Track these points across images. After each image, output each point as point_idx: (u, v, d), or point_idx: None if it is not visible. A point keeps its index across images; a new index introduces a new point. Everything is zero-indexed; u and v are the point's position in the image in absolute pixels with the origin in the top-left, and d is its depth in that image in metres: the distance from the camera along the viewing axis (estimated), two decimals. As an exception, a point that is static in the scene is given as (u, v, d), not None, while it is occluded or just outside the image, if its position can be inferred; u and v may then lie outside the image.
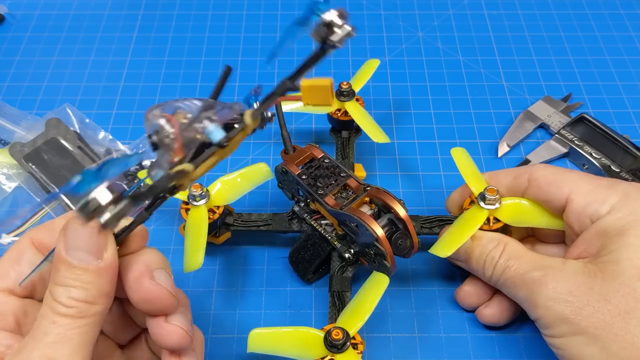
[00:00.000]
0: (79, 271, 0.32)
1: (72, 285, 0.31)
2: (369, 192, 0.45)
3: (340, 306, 0.45)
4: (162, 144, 0.31)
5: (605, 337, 0.36)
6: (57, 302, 0.31)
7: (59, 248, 0.32)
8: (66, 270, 0.32)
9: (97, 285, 0.32)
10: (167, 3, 0.77)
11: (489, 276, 0.43)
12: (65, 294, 0.31)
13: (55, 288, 0.32)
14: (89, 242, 0.32)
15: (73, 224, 0.32)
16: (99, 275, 0.32)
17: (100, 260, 0.32)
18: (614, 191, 0.40)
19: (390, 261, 0.43)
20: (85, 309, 0.31)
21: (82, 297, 0.31)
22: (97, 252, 0.32)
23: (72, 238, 0.32)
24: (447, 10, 0.76)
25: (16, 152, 0.57)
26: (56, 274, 0.32)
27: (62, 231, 0.32)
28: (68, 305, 0.31)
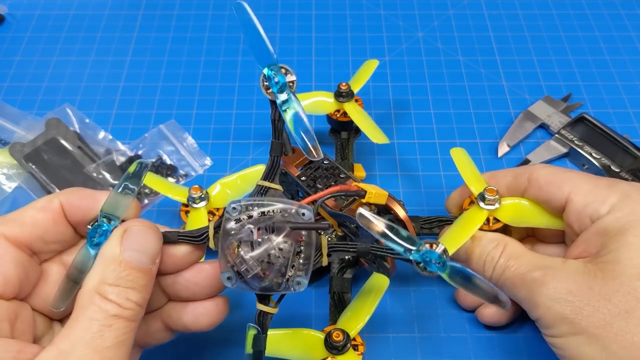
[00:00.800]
0: (138, 273, 0.32)
1: (130, 287, 0.31)
2: (368, 193, 0.45)
3: (340, 307, 0.45)
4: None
5: (605, 336, 0.36)
6: (113, 303, 0.31)
7: (116, 248, 0.32)
8: (123, 271, 0.31)
9: (149, 289, 0.33)
10: (167, 3, 0.77)
11: (489, 276, 0.43)
12: (123, 295, 0.31)
13: (110, 288, 0.31)
14: (153, 246, 0.33)
15: (139, 225, 0.33)
16: (151, 279, 0.33)
17: (154, 266, 0.33)
18: (614, 191, 0.40)
19: (390, 262, 0.43)
20: (139, 312, 0.32)
21: (139, 299, 0.32)
22: (154, 257, 0.34)
23: (135, 240, 0.33)
24: (447, 10, 0.76)
25: (16, 152, 0.57)
26: (109, 274, 0.31)
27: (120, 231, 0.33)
28: (127, 307, 0.31)
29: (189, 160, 0.60)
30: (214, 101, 0.66)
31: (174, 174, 0.59)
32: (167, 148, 0.60)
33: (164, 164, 0.59)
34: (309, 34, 0.73)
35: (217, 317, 0.38)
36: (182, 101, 0.66)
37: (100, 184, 0.57)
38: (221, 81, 0.68)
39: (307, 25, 0.74)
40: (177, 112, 0.65)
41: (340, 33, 0.73)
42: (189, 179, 0.59)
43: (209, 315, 0.38)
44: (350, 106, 0.55)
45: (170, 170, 0.59)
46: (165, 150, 0.60)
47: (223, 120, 0.64)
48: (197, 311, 0.38)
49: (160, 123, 0.62)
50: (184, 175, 0.59)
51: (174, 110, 0.65)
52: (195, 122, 0.63)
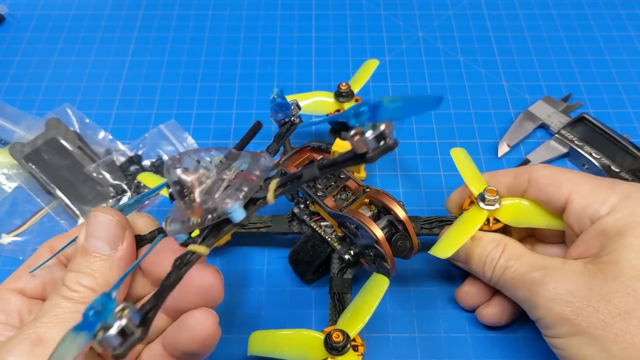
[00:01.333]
0: (92, 259, 0.33)
1: (83, 272, 0.33)
2: (368, 194, 0.45)
3: (340, 308, 0.45)
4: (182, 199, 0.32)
5: (605, 337, 0.36)
6: (65, 286, 0.32)
7: (80, 236, 0.34)
8: (81, 257, 0.33)
9: (106, 275, 0.33)
10: (167, 3, 0.77)
11: (489, 277, 0.43)
12: (74, 279, 0.32)
13: (68, 274, 0.33)
14: (107, 232, 0.34)
15: (95, 212, 0.34)
16: (110, 265, 0.33)
17: (115, 251, 0.34)
18: (614, 191, 0.40)
19: (390, 263, 0.43)
20: (88, 295, 0.32)
21: (89, 284, 0.32)
22: (113, 242, 0.34)
23: (91, 227, 0.34)
24: (447, 10, 0.76)
25: (16, 152, 0.57)
26: (72, 261, 0.33)
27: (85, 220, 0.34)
28: (73, 290, 0.32)
29: (189, 160, 0.60)
30: (214, 101, 0.66)
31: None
32: (167, 148, 0.60)
33: (164, 164, 0.59)
34: (309, 34, 0.73)
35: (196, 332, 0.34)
36: (182, 101, 0.66)
37: (100, 184, 0.57)
38: (221, 81, 0.68)
39: (307, 25, 0.74)
40: (177, 112, 0.65)
41: (340, 33, 0.73)
42: (189, 179, 0.59)
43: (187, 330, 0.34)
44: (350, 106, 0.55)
45: (170, 170, 0.59)
46: (165, 150, 0.60)
47: (223, 120, 0.64)
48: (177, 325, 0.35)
49: (160, 123, 0.62)
50: (184, 175, 0.59)
51: (174, 110, 0.65)
52: (195, 122, 0.63)
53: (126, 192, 0.57)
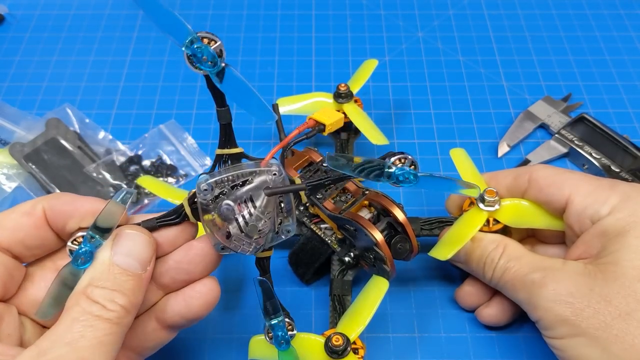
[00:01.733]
0: (125, 277, 0.32)
1: (116, 290, 0.32)
2: (367, 196, 0.45)
3: (340, 310, 0.45)
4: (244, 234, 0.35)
5: (605, 338, 0.36)
6: (98, 304, 0.31)
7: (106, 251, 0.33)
8: (111, 275, 0.32)
9: (137, 294, 0.33)
10: (167, 3, 0.77)
11: (489, 278, 0.43)
12: (109, 297, 0.31)
13: (97, 290, 0.31)
14: (143, 251, 0.34)
15: (130, 230, 0.34)
16: (140, 285, 0.33)
17: (145, 272, 0.33)
18: (614, 192, 0.40)
19: (390, 265, 0.43)
20: (123, 315, 0.32)
21: (124, 303, 0.32)
22: (145, 262, 0.34)
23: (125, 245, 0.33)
24: (447, 10, 0.76)
25: (16, 152, 0.57)
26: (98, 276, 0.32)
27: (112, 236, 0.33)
28: (111, 309, 0.31)
29: (189, 160, 0.60)
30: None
31: (174, 174, 0.59)
32: (167, 148, 0.60)
33: (164, 164, 0.59)
34: (309, 34, 0.73)
35: (208, 299, 0.37)
36: (182, 101, 0.66)
37: (100, 184, 0.57)
38: (221, 81, 0.68)
39: (307, 25, 0.74)
40: (177, 112, 0.64)
41: (340, 33, 0.73)
42: (189, 179, 0.59)
43: (200, 298, 0.37)
44: (349, 107, 0.55)
45: (170, 170, 0.59)
46: (165, 150, 0.60)
47: (223, 120, 0.64)
48: (188, 296, 0.37)
49: (160, 123, 0.62)
50: (184, 175, 0.59)
51: (174, 110, 0.65)
52: (195, 122, 0.63)
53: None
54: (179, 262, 0.37)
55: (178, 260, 0.37)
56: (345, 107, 0.55)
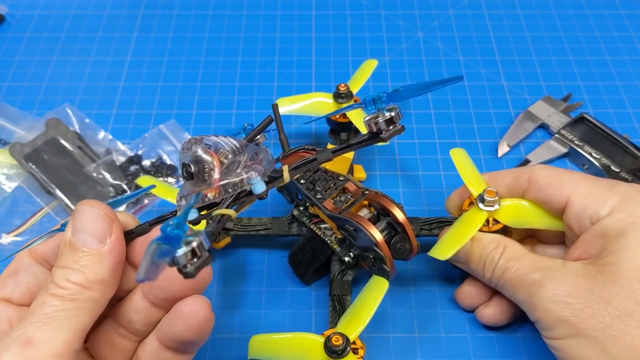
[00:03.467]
0: (80, 254, 0.32)
1: (70, 267, 0.32)
2: (367, 196, 0.45)
3: (340, 310, 0.45)
4: (200, 177, 0.33)
5: (604, 339, 0.36)
6: (52, 284, 0.31)
7: (67, 231, 0.33)
8: (69, 253, 0.32)
9: (95, 270, 0.32)
10: (167, 3, 0.77)
11: (488, 278, 0.43)
12: (63, 276, 0.31)
13: (55, 270, 0.32)
14: (94, 225, 0.33)
15: (81, 206, 0.33)
16: (99, 260, 0.32)
17: (103, 245, 0.32)
18: (614, 193, 0.40)
19: (390, 265, 0.43)
20: (77, 292, 0.31)
21: (78, 280, 0.31)
22: (100, 236, 0.33)
23: (78, 221, 0.33)
24: (447, 10, 0.76)
25: (16, 152, 0.57)
26: (60, 257, 0.32)
27: (72, 215, 0.33)
28: (61, 286, 0.31)
29: (189, 160, 0.60)
30: (214, 101, 0.66)
31: (174, 174, 0.59)
32: (167, 148, 0.60)
33: (164, 164, 0.59)
34: (309, 34, 0.73)
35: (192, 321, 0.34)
36: (182, 101, 0.66)
37: (100, 184, 0.57)
38: (221, 81, 0.68)
39: (307, 25, 0.74)
40: (177, 112, 0.65)
41: (340, 33, 0.73)
42: (189, 179, 0.59)
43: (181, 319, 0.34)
44: (349, 107, 0.55)
45: (170, 170, 0.59)
46: (165, 150, 0.60)
47: (223, 120, 0.64)
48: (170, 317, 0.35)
49: (160, 123, 0.62)
50: (184, 175, 0.59)
51: (174, 110, 0.65)
52: (195, 122, 0.63)
53: (126, 192, 0.57)
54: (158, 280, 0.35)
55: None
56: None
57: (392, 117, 0.34)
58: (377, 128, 0.34)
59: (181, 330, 0.34)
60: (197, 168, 0.33)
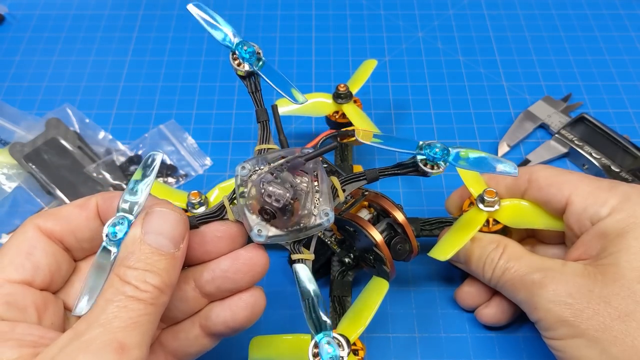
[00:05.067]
0: (157, 257, 0.31)
1: (148, 270, 0.31)
2: (367, 197, 0.45)
3: (340, 311, 0.45)
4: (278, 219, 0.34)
5: (605, 339, 0.36)
6: (130, 285, 0.30)
7: (137, 231, 0.32)
8: (142, 254, 0.31)
9: (170, 274, 0.32)
10: (167, 3, 0.77)
11: (488, 278, 0.43)
12: (141, 278, 0.30)
13: (129, 271, 0.30)
14: (174, 229, 0.32)
15: (161, 208, 0.33)
16: (173, 264, 0.32)
17: (177, 250, 0.32)
18: (614, 193, 0.40)
19: (390, 266, 0.43)
20: (157, 295, 0.31)
21: (157, 283, 0.31)
22: (177, 240, 0.32)
23: (156, 222, 0.32)
24: (447, 10, 0.76)
25: (16, 152, 0.57)
26: (129, 257, 0.31)
27: (142, 214, 0.32)
28: (143, 290, 0.30)
29: (189, 160, 0.60)
30: (214, 101, 0.66)
31: (174, 174, 0.59)
32: (167, 148, 0.60)
33: (164, 164, 0.59)
34: (309, 34, 0.73)
35: (255, 309, 0.37)
36: (182, 101, 0.66)
37: (100, 184, 0.57)
38: (221, 81, 0.68)
39: (307, 25, 0.74)
40: (177, 112, 0.65)
41: (340, 33, 0.73)
42: (189, 179, 0.59)
43: (247, 308, 0.36)
44: (348, 107, 0.55)
45: (170, 170, 0.59)
46: (165, 150, 0.60)
47: (223, 120, 0.64)
48: (235, 305, 0.36)
49: (160, 123, 0.62)
50: (184, 175, 0.59)
51: (174, 110, 0.65)
52: (195, 122, 0.63)
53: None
54: (226, 272, 0.36)
55: (225, 269, 0.36)
56: (344, 107, 0.55)
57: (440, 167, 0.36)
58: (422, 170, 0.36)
59: (243, 317, 0.36)
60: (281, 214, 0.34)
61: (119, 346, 0.28)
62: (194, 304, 0.37)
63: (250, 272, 0.36)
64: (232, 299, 0.37)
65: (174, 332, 0.37)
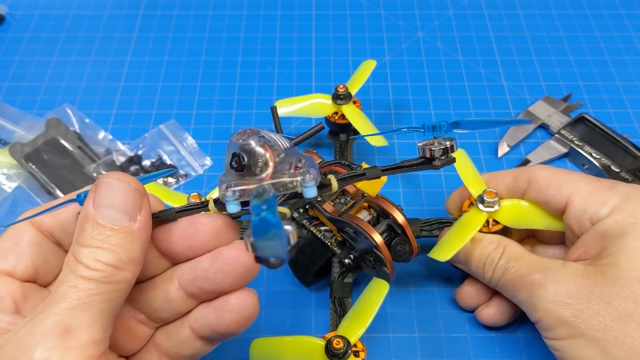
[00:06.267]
0: (108, 232, 0.29)
1: (99, 247, 0.29)
2: (367, 198, 0.45)
3: (341, 312, 0.45)
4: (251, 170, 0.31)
5: (605, 340, 0.36)
6: (81, 264, 0.28)
7: (88, 205, 0.30)
8: (93, 230, 0.29)
9: (127, 249, 0.29)
10: (167, 3, 0.77)
11: (488, 278, 0.43)
12: (91, 256, 0.28)
13: (80, 249, 0.29)
14: (124, 200, 0.30)
15: (107, 179, 0.30)
16: (130, 238, 0.30)
17: (134, 222, 0.30)
18: (614, 193, 0.40)
19: (390, 267, 0.43)
20: (111, 273, 0.29)
21: (109, 260, 0.29)
22: (131, 212, 0.30)
23: (104, 195, 0.30)
24: (447, 10, 0.76)
25: (16, 152, 0.57)
26: (81, 233, 0.29)
27: (93, 187, 0.30)
28: (93, 268, 0.28)
29: (189, 160, 0.60)
30: (214, 101, 0.66)
31: (174, 174, 0.59)
32: (167, 148, 0.60)
33: (164, 164, 0.59)
34: (309, 34, 0.73)
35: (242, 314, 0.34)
36: (182, 101, 0.66)
37: (101, 185, 0.56)
38: (221, 81, 0.68)
39: (307, 25, 0.74)
40: (177, 112, 0.65)
41: (340, 33, 0.73)
42: (189, 179, 0.59)
43: (232, 311, 0.34)
44: (348, 108, 0.55)
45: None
46: (165, 150, 0.60)
47: (223, 120, 0.64)
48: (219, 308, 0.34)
49: (160, 123, 0.62)
50: (184, 175, 0.59)
51: (174, 110, 0.65)
52: (195, 122, 0.63)
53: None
54: (206, 271, 0.33)
55: (205, 269, 0.33)
56: (343, 108, 0.55)
57: (448, 147, 0.33)
58: (430, 154, 0.33)
59: (229, 322, 0.33)
60: (250, 161, 0.31)
61: (64, 328, 0.27)
62: (180, 304, 0.35)
63: (232, 272, 0.33)
64: (217, 302, 0.34)
65: (167, 332, 0.36)
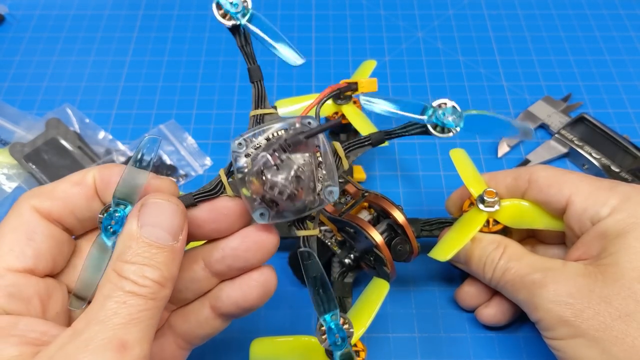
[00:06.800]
0: (155, 250, 0.30)
1: (146, 264, 0.30)
2: (367, 198, 0.45)
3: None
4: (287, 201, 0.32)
5: (605, 339, 0.36)
6: (128, 280, 0.29)
7: (132, 224, 0.30)
8: (139, 248, 0.30)
9: (169, 267, 0.31)
10: (167, 3, 0.77)
11: (489, 278, 0.43)
12: (139, 272, 0.29)
13: (125, 265, 0.29)
14: (171, 221, 0.31)
15: (156, 199, 0.31)
16: (172, 257, 0.31)
17: (177, 242, 0.31)
18: (615, 193, 0.40)
19: (390, 267, 0.43)
20: (157, 290, 0.30)
21: (156, 277, 0.30)
22: (175, 232, 0.31)
23: (152, 214, 0.31)
24: (447, 10, 0.76)
25: (16, 152, 0.57)
26: (126, 251, 0.30)
27: (137, 206, 0.31)
28: (141, 285, 0.29)
29: (189, 160, 0.60)
30: (214, 101, 0.66)
31: (174, 174, 0.59)
32: (167, 148, 0.60)
33: (164, 164, 0.59)
34: (309, 34, 0.73)
35: (266, 288, 0.36)
36: (182, 101, 0.66)
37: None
38: (221, 81, 0.68)
39: (307, 25, 0.74)
40: (177, 112, 0.65)
41: (340, 33, 0.73)
42: (189, 179, 0.59)
43: (258, 287, 0.36)
44: (348, 108, 0.55)
45: (170, 170, 0.59)
46: (165, 150, 0.60)
47: (223, 120, 0.64)
48: (245, 284, 0.36)
49: (160, 123, 0.62)
50: (184, 175, 0.59)
51: (174, 110, 0.65)
52: (195, 122, 0.63)
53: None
54: (236, 250, 0.35)
55: (234, 248, 0.35)
56: (344, 108, 0.55)
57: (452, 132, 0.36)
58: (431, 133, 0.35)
59: (255, 297, 0.36)
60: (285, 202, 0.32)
61: (119, 344, 0.27)
62: (204, 283, 0.36)
63: (260, 250, 0.35)
64: (243, 278, 0.36)
65: (184, 313, 0.37)
